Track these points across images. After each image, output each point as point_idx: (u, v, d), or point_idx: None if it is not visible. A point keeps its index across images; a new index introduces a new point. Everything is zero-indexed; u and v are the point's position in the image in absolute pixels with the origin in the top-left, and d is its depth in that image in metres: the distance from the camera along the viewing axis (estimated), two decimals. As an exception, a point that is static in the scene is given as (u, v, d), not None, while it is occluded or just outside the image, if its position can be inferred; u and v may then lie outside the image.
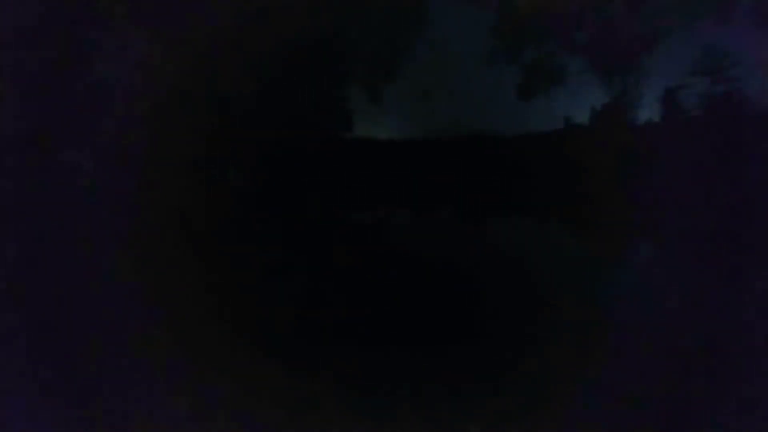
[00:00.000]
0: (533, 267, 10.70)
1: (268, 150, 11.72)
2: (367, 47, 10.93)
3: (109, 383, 6.54)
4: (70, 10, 9.79)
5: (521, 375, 6.67)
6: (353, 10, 10.78)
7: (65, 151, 10.51)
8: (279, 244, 11.14)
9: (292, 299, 9.06)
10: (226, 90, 11.17)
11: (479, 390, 6.32)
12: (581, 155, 11.98)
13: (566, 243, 12.23)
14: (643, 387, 6.23)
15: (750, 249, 10.52)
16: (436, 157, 11.86)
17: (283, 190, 11.93)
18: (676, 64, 11.20)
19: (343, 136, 11.80)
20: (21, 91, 9.53)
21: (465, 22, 10.29)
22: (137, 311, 8.30)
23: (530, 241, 12.25)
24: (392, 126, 11.28)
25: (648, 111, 11.77)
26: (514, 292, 9.42)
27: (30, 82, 9.62)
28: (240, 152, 11.44)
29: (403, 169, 11.96)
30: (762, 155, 11.59)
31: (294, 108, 11.74)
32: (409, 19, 10.75)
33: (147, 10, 10.85)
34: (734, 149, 11.92)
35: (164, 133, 10.82)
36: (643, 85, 11.52)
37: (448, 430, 5.58)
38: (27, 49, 9.21)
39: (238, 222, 11.24)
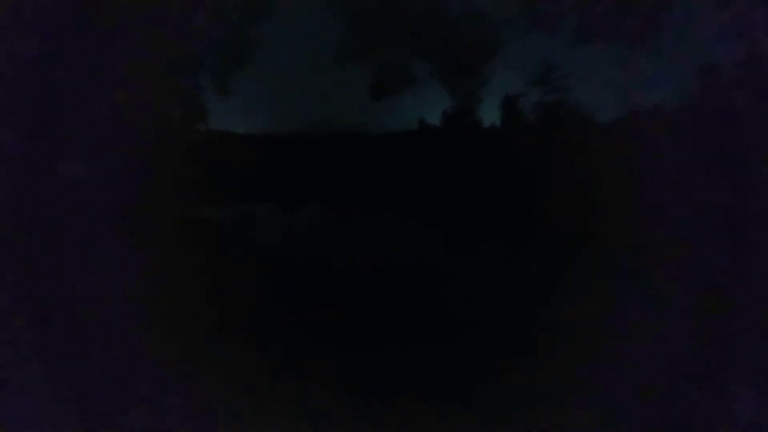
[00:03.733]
0: (395, 263, 11.16)
1: (112, 143, 10.95)
2: (217, 37, 10.63)
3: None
4: None
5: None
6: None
7: None
8: (133, 243, 10.52)
9: (154, 298, 8.61)
10: (71, 80, 10.20)
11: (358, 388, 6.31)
12: (432, 155, 12.74)
13: (426, 239, 12.95)
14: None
15: (602, 250, 11.76)
16: (292, 152, 11.91)
17: (133, 186, 11.26)
18: (514, 74, 12.28)
19: (195, 128, 11.38)
20: None
21: (316, 19, 10.40)
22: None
23: (392, 238, 12.79)
24: (244, 121, 11.10)
25: (491, 116, 12.82)
26: (381, 288, 9.71)
27: None
28: (79, 146, 10.54)
29: (260, 165, 11.85)
30: (590, 158, 13.20)
31: (144, 99, 11.06)
32: (259, 11, 10.62)
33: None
34: (569, 153, 13.42)
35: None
36: (485, 92, 12.52)
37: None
38: None
39: (83, 224, 10.42)
